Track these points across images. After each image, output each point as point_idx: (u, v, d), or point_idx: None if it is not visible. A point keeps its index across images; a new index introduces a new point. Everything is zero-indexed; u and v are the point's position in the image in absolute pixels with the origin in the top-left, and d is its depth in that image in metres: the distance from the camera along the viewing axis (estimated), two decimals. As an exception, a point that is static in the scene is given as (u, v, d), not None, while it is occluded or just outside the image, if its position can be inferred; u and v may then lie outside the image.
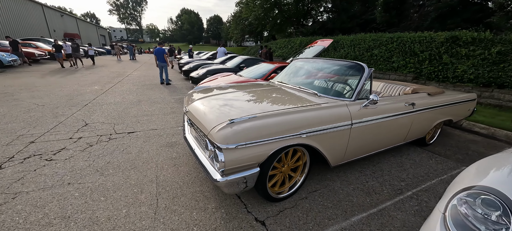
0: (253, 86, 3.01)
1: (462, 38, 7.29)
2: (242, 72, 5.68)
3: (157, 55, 8.07)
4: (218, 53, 11.50)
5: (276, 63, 5.58)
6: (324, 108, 2.01)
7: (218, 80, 5.11)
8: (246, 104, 2.11)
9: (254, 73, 5.33)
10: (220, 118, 1.72)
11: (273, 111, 1.79)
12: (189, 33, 69.59)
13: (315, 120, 1.88)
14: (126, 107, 4.95)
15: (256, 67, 5.78)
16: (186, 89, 7.44)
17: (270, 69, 5.20)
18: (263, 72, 5.19)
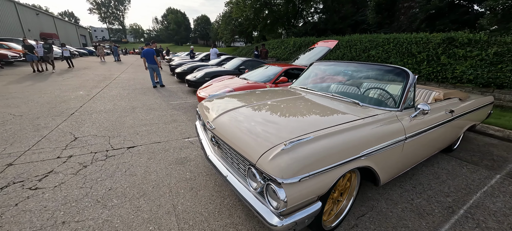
0: (275, 94, 2.67)
1: (458, 39, 7.40)
2: (247, 75, 5.33)
3: (146, 57, 7.49)
4: (211, 55, 11.04)
5: (282, 65, 5.28)
6: (378, 123, 1.73)
7: (224, 84, 4.72)
8: (287, 121, 1.76)
9: (260, 76, 5.00)
10: (267, 141, 1.37)
11: (328, 130, 1.47)
12: (175, 33, 67.70)
13: (374, 137, 1.58)
14: (119, 116, 4.43)
15: (261, 69, 5.45)
16: (183, 93, 6.95)
17: (278, 72, 4.89)
18: (271, 76, 4.87)
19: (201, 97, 4.47)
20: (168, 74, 11.75)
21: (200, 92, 4.80)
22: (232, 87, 4.30)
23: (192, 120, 4.34)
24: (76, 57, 22.56)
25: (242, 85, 4.41)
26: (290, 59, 14.65)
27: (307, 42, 14.06)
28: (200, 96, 4.56)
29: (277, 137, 1.40)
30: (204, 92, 4.71)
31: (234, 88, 4.29)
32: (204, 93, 4.60)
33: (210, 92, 4.55)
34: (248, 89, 4.32)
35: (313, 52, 6.40)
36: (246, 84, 4.48)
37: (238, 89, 4.25)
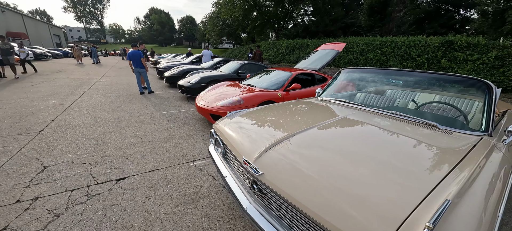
0: (313, 111, 2.14)
1: (457, 43, 7.38)
2: (252, 82, 4.75)
3: (132, 59, 6.67)
4: (204, 57, 10.32)
5: (289, 70, 4.77)
6: (479, 156, 1.25)
7: (229, 92, 4.11)
8: (379, 168, 1.15)
9: (268, 83, 4.45)
10: (384, 217, 0.82)
11: (457, 184, 0.96)
12: (159, 34, 65.17)
13: (489, 178, 1.10)
14: (103, 132, 3.66)
15: (267, 74, 4.90)
16: (175, 100, 6.21)
17: (289, 77, 4.37)
18: (281, 82, 4.34)
19: (202, 108, 3.84)
20: (155, 78, 10.83)
21: (200, 101, 4.16)
22: (241, 97, 3.71)
23: (192, 136, 3.68)
24: (48, 59, 20.59)
25: (251, 94, 3.83)
26: (283, 61, 14.28)
27: (300, 44, 13.77)
28: (200, 106, 3.92)
29: (394, 205, 0.86)
30: (204, 100, 4.07)
31: (242, 97, 3.70)
32: (204, 102, 3.97)
33: (212, 100, 3.93)
34: (263, 100, 3.78)
35: (317, 55, 5.98)
36: (255, 93, 3.91)
37: (248, 100, 3.68)
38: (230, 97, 3.79)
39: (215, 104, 3.74)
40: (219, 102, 3.75)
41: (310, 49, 12.57)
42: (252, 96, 3.76)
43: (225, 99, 3.79)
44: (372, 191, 0.96)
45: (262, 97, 3.78)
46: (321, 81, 5.02)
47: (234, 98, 3.68)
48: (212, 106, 3.71)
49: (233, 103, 3.59)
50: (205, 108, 3.78)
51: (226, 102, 3.66)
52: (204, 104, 3.91)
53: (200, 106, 3.96)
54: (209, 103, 3.86)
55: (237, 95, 3.86)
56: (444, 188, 0.94)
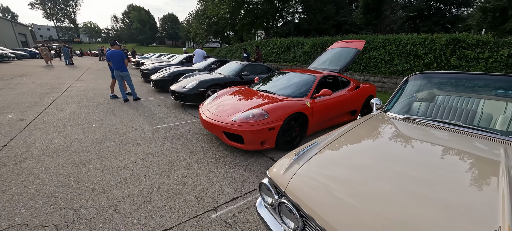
0: (398, 144, 1.41)
1: (465, 40, 7.11)
2: (267, 87, 3.94)
3: (112, 60, 5.58)
4: (196, 57, 9.30)
5: (311, 72, 4.03)
6: None
7: (244, 102, 3.25)
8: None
9: (289, 88, 3.66)
10: None
11: None
12: (140, 33, 61.57)
13: None
14: (76, 163, 2.66)
15: (283, 78, 4.12)
16: (168, 108, 5.21)
17: (313, 81, 3.62)
18: (304, 87, 3.57)
19: (212, 123, 2.99)
20: (140, 81, 9.63)
21: (205, 112, 3.30)
22: (263, 109, 2.89)
23: (202, 162, 2.80)
24: (11, 60, 18.16)
25: (274, 105, 3.02)
26: (278, 61, 13.59)
27: (295, 42, 13.15)
28: (208, 121, 3.06)
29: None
30: (212, 112, 3.21)
31: (265, 109, 2.88)
32: (213, 115, 3.11)
33: (223, 112, 3.08)
34: (292, 112, 3.00)
35: (331, 55, 5.30)
36: (279, 102, 3.10)
37: (273, 112, 2.87)
38: (249, 110, 2.96)
39: (229, 119, 2.89)
40: (235, 116, 2.91)
41: (307, 48, 11.99)
42: (277, 107, 2.95)
43: (242, 112, 2.95)
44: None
45: (289, 109, 2.99)
46: (345, 84, 4.34)
47: (255, 111, 2.85)
48: (227, 122, 2.86)
49: (255, 117, 2.77)
50: (217, 124, 2.92)
51: (245, 116, 2.83)
52: (214, 118, 3.05)
53: (207, 120, 3.09)
54: (220, 117, 3.00)
55: (257, 106, 3.04)
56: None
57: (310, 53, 11.67)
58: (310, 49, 11.75)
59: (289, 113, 2.94)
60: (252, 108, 2.98)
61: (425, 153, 1.26)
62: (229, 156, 2.97)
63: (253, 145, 2.81)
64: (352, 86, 4.35)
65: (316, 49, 11.44)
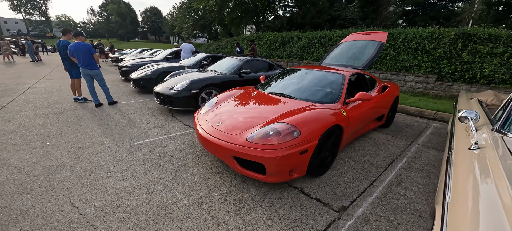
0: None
1: (476, 35, 6.68)
2: (281, 89, 3.07)
3: (77, 56, 4.47)
4: (183, 52, 8.21)
5: (339, 70, 3.23)
6: None
7: (264, 112, 2.35)
8: None
9: (311, 92, 2.83)
10: None
11: None
12: (120, 27, 57.63)
13: None
14: (9, 213, 1.67)
15: (299, 77, 3.27)
16: (151, 115, 4.21)
17: (343, 82, 2.82)
18: (333, 89, 2.76)
19: (215, 143, 2.10)
20: (117, 79, 8.39)
21: (203, 124, 2.41)
22: (291, 122, 2.03)
23: (205, 202, 1.91)
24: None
25: (302, 116, 2.16)
26: (272, 56, 12.73)
27: (290, 37, 12.35)
28: (208, 138, 2.17)
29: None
30: (213, 124, 2.32)
31: (293, 122, 2.02)
32: (213, 128, 2.24)
33: (230, 126, 2.20)
34: (328, 125, 2.21)
35: (350, 49, 4.55)
36: (308, 112, 2.25)
37: (305, 126, 2.02)
38: (269, 124, 2.09)
39: (242, 138, 2.01)
40: (250, 133, 2.03)
41: (303, 42, 11.23)
42: (308, 119, 2.10)
43: (259, 127, 2.08)
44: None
45: (324, 121, 2.16)
46: (373, 84, 3.60)
47: (279, 126, 1.99)
48: (239, 143, 1.98)
49: (281, 135, 1.92)
50: (223, 144, 2.03)
51: (265, 132, 1.97)
52: (219, 136, 2.15)
53: (208, 138, 2.19)
54: (228, 135, 2.11)
55: (278, 117, 2.18)
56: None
57: (307, 48, 10.94)
58: (307, 44, 11.02)
59: (326, 128, 2.11)
60: (272, 122, 2.12)
61: None
62: (242, 190, 2.10)
63: (278, 176, 1.97)
64: (379, 87, 3.62)
65: (314, 44, 10.72)
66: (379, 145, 3.29)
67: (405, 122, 4.46)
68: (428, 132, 3.94)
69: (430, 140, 3.55)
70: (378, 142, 3.40)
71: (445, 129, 4.09)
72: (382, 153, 3.01)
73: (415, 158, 2.91)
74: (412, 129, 4.08)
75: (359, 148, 3.13)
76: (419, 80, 7.17)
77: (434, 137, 3.69)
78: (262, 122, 2.18)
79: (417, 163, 2.77)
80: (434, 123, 4.45)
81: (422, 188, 2.27)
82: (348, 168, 2.58)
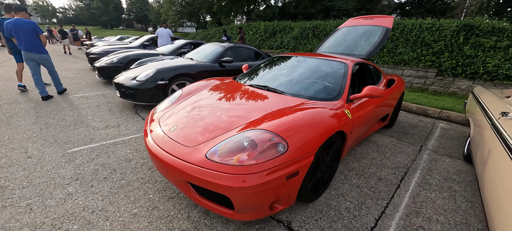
0: None
1: (479, 27, 6.23)
2: (268, 82, 2.37)
3: (17, 36, 3.59)
4: (161, 38, 7.30)
5: (339, 58, 2.57)
6: None
7: (238, 111, 1.65)
8: None
9: (305, 86, 2.16)
10: None
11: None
12: (102, 13, 54.09)
13: None
14: None
15: (290, 66, 2.59)
16: (109, 111, 3.41)
17: (346, 73, 2.17)
18: (333, 82, 2.10)
19: (159, 158, 1.38)
20: (86, 68, 7.40)
21: (155, 128, 1.68)
22: (274, 128, 1.35)
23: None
24: None
25: (292, 119, 1.49)
26: (263, 47, 11.96)
27: (282, 26, 11.59)
28: (155, 152, 1.44)
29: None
30: (168, 126, 1.60)
31: (276, 129, 1.34)
32: (165, 137, 1.51)
33: (189, 136, 1.50)
34: (329, 133, 1.71)
35: (350, 36, 3.91)
36: (298, 113, 1.58)
37: (293, 134, 1.35)
38: (244, 130, 1.40)
39: (201, 153, 1.31)
40: (213, 146, 1.34)
41: (295, 32, 10.52)
42: (300, 125, 1.43)
43: (228, 135, 1.40)
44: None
45: (323, 126, 1.50)
46: (379, 77, 2.98)
47: (256, 135, 1.31)
48: (194, 161, 1.28)
49: (260, 148, 1.24)
50: (171, 162, 1.33)
51: (235, 145, 1.29)
52: (167, 146, 1.44)
53: (152, 148, 1.48)
54: (181, 146, 1.41)
55: (258, 120, 1.49)
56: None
57: (300, 39, 10.25)
58: (300, 34, 10.33)
59: (325, 137, 1.46)
60: (247, 127, 1.44)
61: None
62: (202, 228, 1.43)
63: (253, 213, 1.30)
64: (385, 80, 3.01)
65: (307, 35, 10.05)
66: (385, 151, 2.70)
67: (409, 122, 3.92)
68: (436, 134, 3.40)
69: (441, 145, 3.01)
70: (383, 147, 2.82)
71: (454, 131, 3.57)
72: (390, 163, 2.42)
73: (431, 170, 2.34)
74: (418, 130, 3.53)
75: (361, 156, 2.53)
76: (418, 75, 6.69)
77: (445, 141, 3.16)
78: (235, 127, 1.49)
79: (434, 178, 2.20)
80: (440, 123, 3.94)
81: (450, 216, 1.69)
82: (351, 186, 1.96)
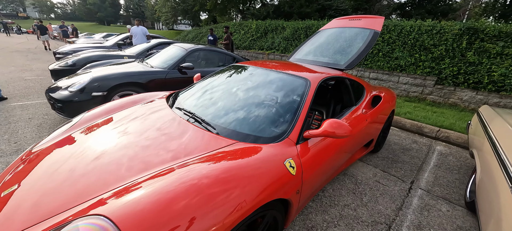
0: None
1: (484, 31, 5.59)
2: (195, 105, 1.75)
3: None
4: (135, 37, 6.67)
5: (304, 70, 1.95)
6: None
7: (157, 156, 1.04)
8: None
9: (235, 114, 1.54)
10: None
11: None
12: (98, 9, 53.25)
13: None
14: None
15: (235, 81, 1.96)
16: (39, 128, 2.80)
17: (305, 98, 1.54)
18: (283, 115, 1.48)
19: None
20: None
21: (6, 176, 1.04)
22: (127, 212, 0.73)
23: None
24: None
25: (212, 169, 0.88)
26: (253, 47, 11.31)
27: (274, 26, 10.96)
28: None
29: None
30: (6, 182, 0.98)
31: (181, 184, 0.73)
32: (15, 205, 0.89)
33: (20, 201, 0.86)
34: (262, 205, 0.86)
35: (329, 40, 3.27)
36: (201, 176, 0.97)
37: (201, 208, 0.73)
38: (80, 216, 0.78)
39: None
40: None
41: (287, 33, 9.87)
42: (189, 203, 0.82)
43: (57, 221, 0.78)
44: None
45: (235, 201, 0.88)
46: (359, 92, 2.37)
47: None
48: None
49: None
50: None
51: None
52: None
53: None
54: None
55: (121, 191, 0.88)
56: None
57: (291, 40, 9.62)
58: (292, 35, 9.69)
59: (240, 220, 0.84)
60: (95, 207, 0.82)
61: None
62: None
63: None
64: (369, 98, 2.39)
65: (299, 35, 9.41)
66: (364, 191, 2.09)
67: (400, 143, 3.30)
68: (432, 162, 2.79)
69: (437, 180, 2.40)
70: (363, 184, 2.21)
71: (454, 157, 2.96)
72: (367, 214, 1.81)
73: (421, 228, 1.73)
74: (410, 155, 2.92)
75: (330, 201, 1.92)
76: (415, 83, 6.07)
77: (442, 173, 2.55)
78: (80, 202, 0.88)
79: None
80: (437, 145, 3.32)
81: None
82: (303, 263, 1.35)
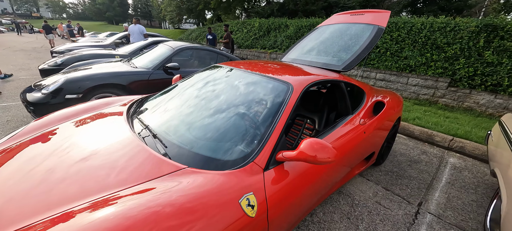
0: None
1: (505, 28, 5.09)
2: (156, 117, 1.49)
3: None
4: (132, 35, 6.52)
5: (291, 70, 1.64)
6: None
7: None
8: None
9: (196, 130, 1.26)
10: None
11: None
12: (107, 9, 54.18)
13: None
14: None
15: (209, 86, 1.68)
16: (15, 129, 2.63)
17: (283, 107, 1.25)
18: (253, 131, 1.20)
19: None
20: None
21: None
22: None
23: None
24: None
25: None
26: (256, 46, 10.99)
27: (277, 24, 10.62)
28: None
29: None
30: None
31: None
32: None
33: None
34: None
35: (328, 38, 2.95)
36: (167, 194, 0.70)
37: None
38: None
39: None
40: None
41: (290, 31, 9.52)
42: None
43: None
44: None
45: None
46: (359, 98, 2.05)
47: None
48: None
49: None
50: None
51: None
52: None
53: None
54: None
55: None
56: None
57: (294, 38, 9.26)
58: (295, 33, 9.33)
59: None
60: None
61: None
62: None
63: None
64: (370, 104, 2.06)
65: (302, 33, 9.04)
66: (361, 217, 1.78)
67: (407, 153, 2.94)
68: (443, 179, 2.43)
69: (450, 201, 2.05)
70: (360, 206, 1.89)
71: (470, 173, 2.58)
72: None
73: (430, 268, 1.40)
74: (418, 169, 2.56)
75: (318, 228, 1.61)
76: (426, 84, 5.62)
77: (456, 192, 2.19)
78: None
79: None
80: (450, 157, 2.94)
81: None
82: None
